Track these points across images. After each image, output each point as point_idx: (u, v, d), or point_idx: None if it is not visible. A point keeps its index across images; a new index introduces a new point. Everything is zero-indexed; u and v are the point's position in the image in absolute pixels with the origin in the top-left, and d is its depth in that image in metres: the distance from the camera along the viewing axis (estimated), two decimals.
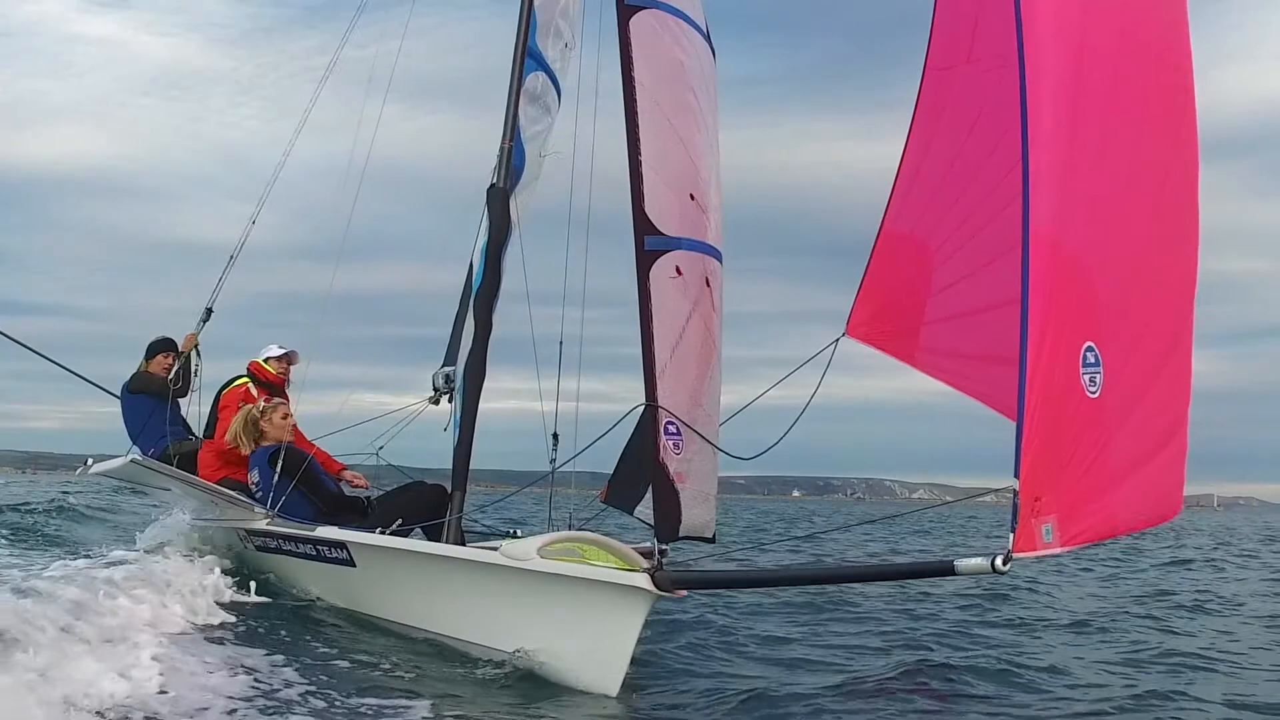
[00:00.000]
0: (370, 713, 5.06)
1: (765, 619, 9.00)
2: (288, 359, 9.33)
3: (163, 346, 9.53)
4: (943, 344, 6.51)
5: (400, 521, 7.65)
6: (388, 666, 6.20)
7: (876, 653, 7.41)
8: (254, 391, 8.99)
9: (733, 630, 8.15)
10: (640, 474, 7.54)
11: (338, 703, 5.20)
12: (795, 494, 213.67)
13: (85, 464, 9.06)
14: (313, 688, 5.43)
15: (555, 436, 8.85)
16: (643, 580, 5.82)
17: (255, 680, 5.43)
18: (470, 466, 7.70)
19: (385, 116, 10.07)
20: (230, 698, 5.01)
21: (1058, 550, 4.51)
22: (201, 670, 5.41)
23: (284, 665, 5.88)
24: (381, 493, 8.66)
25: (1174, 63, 5.64)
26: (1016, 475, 4.32)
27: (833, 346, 6.86)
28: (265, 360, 9.27)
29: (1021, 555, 4.32)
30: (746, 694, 5.91)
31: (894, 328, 6.76)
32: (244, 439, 8.34)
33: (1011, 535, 4.29)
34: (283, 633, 6.87)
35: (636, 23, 7.62)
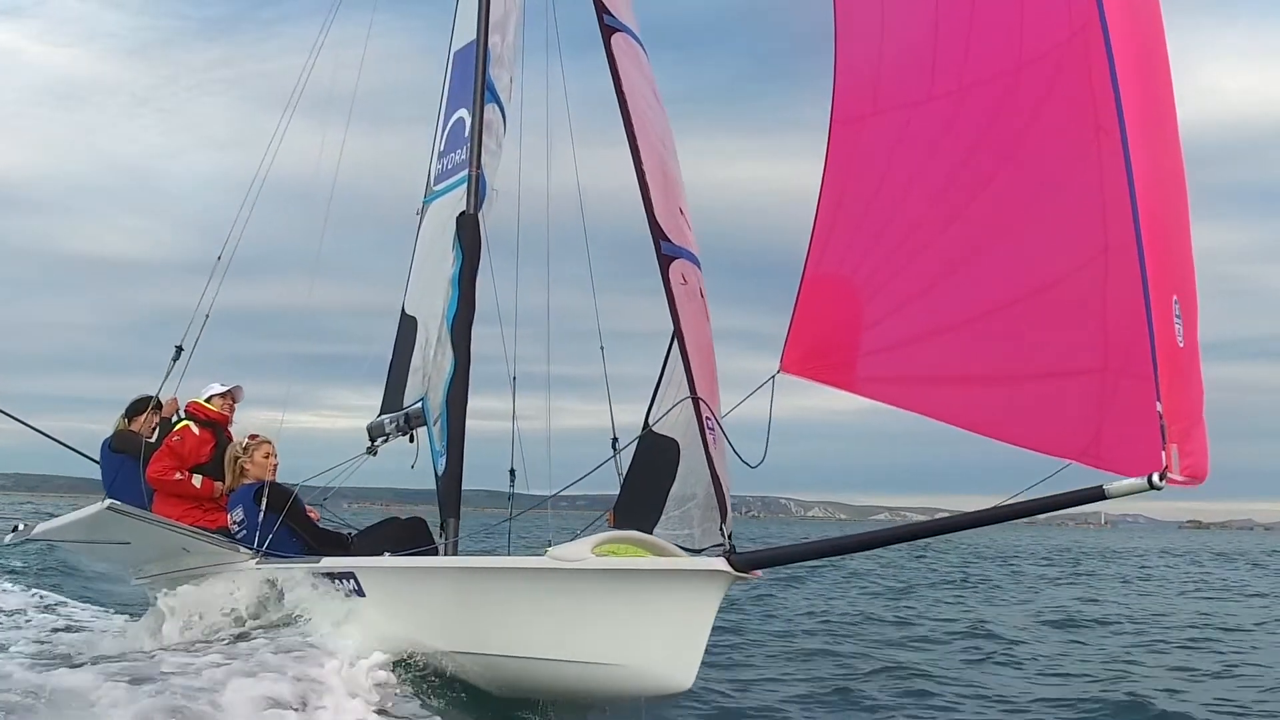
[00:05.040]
0: None
1: None
2: (231, 396, 8.85)
3: (145, 405, 9.03)
4: (882, 372, 6.49)
5: (386, 555, 7.27)
6: None
7: None
8: (196, 432, 8.40)
9: None
10: (653, 496, 7.43)
11: None
12: None
13: (14, 530, 8.17)
14: None
15: (512, 472, 8.67)
16: (720, 563, 5.73)
17: None
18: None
19: (291, 132, 10.20)
20: None
21: (1179, 479, 4.75)
22: None
23: None
24: (358, 530, 8.25)
25: (1165, 66, 6.19)
26: (1159, 399, 4.57)
27: (770, 382, 6.81)
28: (208, 399, 8.76)
29: (1171, 476, 4.54)
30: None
31: (829, 362, 6.74)
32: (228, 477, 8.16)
33: (1163, 454, 4.52)
34: None
35: (615, 43, 7.74)
